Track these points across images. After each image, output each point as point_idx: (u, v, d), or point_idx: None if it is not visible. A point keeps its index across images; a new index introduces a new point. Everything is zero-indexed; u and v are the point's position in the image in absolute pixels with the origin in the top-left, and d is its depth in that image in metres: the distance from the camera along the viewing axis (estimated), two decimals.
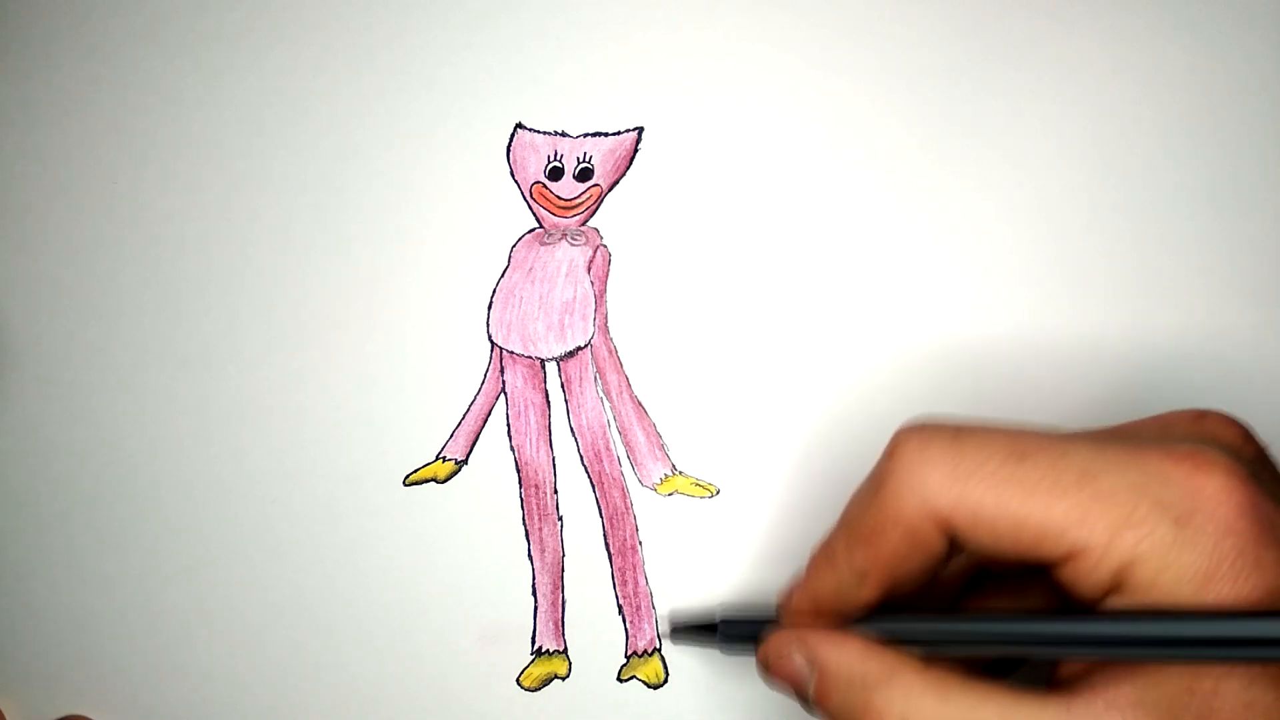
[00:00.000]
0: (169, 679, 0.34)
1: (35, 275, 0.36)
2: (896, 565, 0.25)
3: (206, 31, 0.37)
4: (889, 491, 0.24)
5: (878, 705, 0.24)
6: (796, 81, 0.35)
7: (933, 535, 0.24)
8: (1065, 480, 0.22)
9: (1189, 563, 0.22)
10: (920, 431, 0.24)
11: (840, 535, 0.26)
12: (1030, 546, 0.23)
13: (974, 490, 0.23)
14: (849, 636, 0.25)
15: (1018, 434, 0.24)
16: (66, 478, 0.35)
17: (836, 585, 0.26)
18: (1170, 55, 0.35)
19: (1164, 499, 0.22)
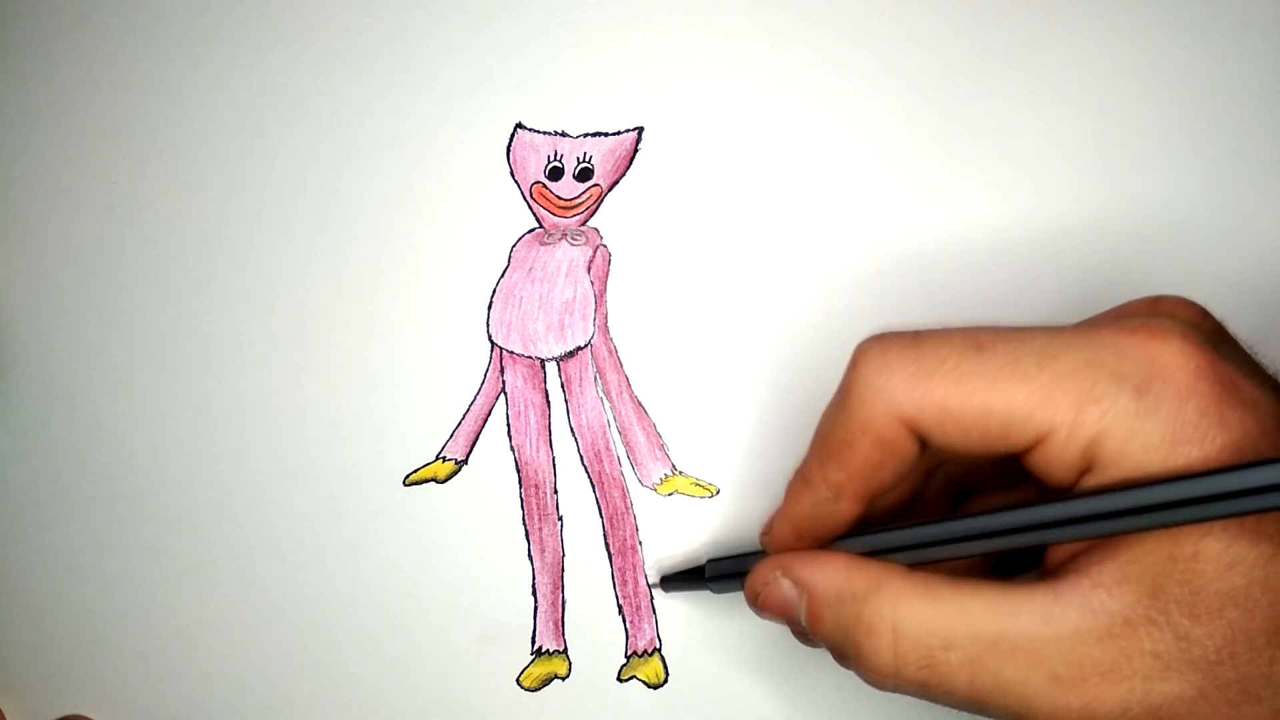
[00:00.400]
0: (169, 679, 0.34)
1: (35, 275, 0.36)
2: (870, 476, 0.24)
3: (206, 31, 0.37)
4: (854, 401, 0.24)
5: (868, 616, 0.24)
6: (796, 81, 0.35)
7: (902, 439, 0.24)
8: (1024, 365, 0.22)
9: (1153, 429, 0.22)
10: (879, 340, 0.24)
11: (812, 455, 0.26)
12: (998, 437, 0.23)
13: (937, 387, 0.23)
14: (832, 555, 0.25)
15: (975, 329, 0.24)
16: (66, 478, 0.35)
17: (814, 506, 0.26)
18: (1170, 55, 0.35)
19: (1121, 370, 0.22)
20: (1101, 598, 0.22)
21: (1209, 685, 0.22)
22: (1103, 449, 0.22)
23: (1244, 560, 0.22)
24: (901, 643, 0.23)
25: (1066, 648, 0.22)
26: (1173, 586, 0.22)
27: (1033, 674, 0.22)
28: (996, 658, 0.22)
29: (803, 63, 0.36)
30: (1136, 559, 0.22)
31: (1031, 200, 0.34)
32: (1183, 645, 0.22)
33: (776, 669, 0.32)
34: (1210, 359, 0.22)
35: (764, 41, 0.36)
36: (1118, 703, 0.22)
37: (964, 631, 0.23)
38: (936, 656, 0.23)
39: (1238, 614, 0.22)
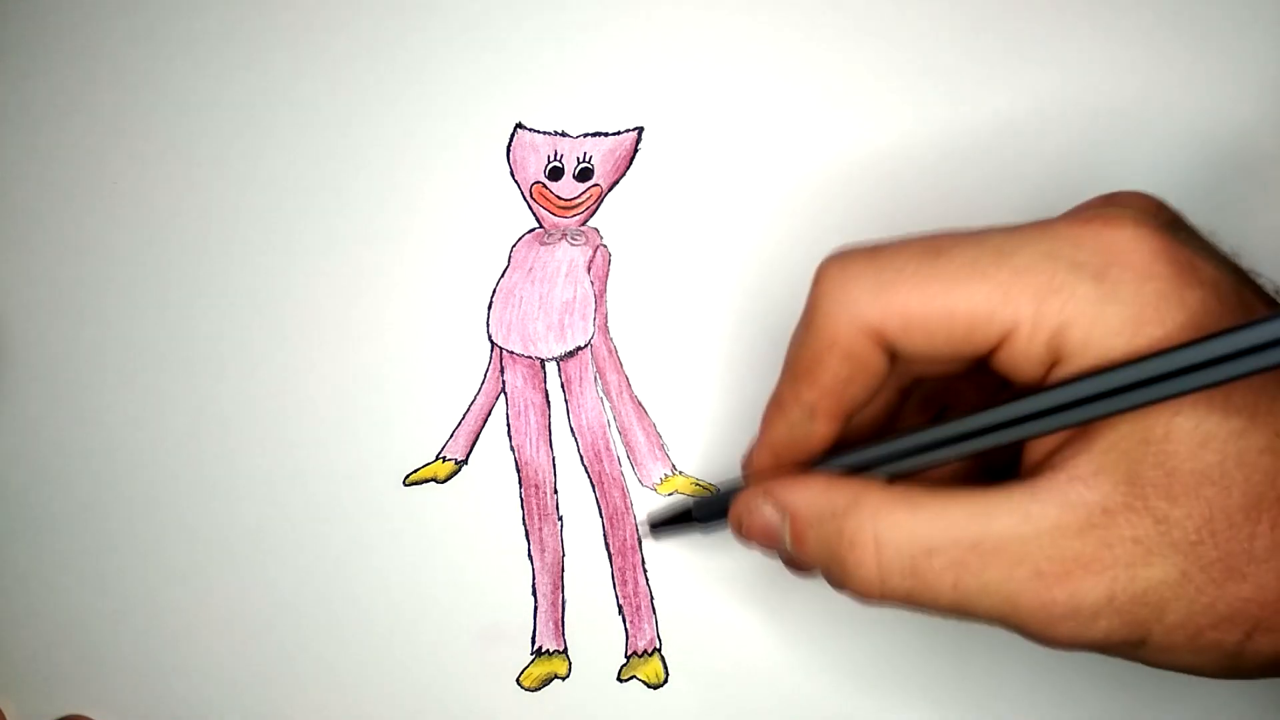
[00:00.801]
0: (169, 679, 0.34)
1: (35, 275, 0.36)
2: (841, 392, 0.25)
3: (206, 31, 0.37)
4: (819, 317, 0.24)
5: (850, 530, 0.24)
6: (797, 81, 0.35)
7: (868, 350, 0.24)
8: (982, 264, 0.23)
9: (1115, 314, 0.22)
10: (839, 256, 0.24)
11: (784, 378, 0.26)
12: (963, 339, 0.23)
13: (897, 295, 0.23)
14: (811, 475, 0.26)
15: (932, 236, 0.24)
16: (66, 478, 0.35)
17: (789, 429, 0.26)
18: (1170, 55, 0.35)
19: (1078, 260, 0.22)
20: (1079, 490, 0.22)
21: (1192, 566, 0.22)
22: (1067, 339, 0.22)
23: (1216, 436, 0.22)
24: (884, 552, 0.23)
25: (1048, 543, 0.22)
26: (1147, 471, 0.22)
27: (1016, 572, 0.22)
28: (979, 559, 0.22)
29: (803, 63, 0.36)
30: (1110, 448, 0.22)
31: (1035, 206, 0.34)
32: (1162, 529, 0.22)
33: (776, 669, 0.32)
34: (1166, 242, 0.22)
35: (764, 41, 0.36)
36: (1103, 592, 0.22)
37: (945, 536, 0.23)
38: (920, 563, 0.23)
39: (1214, 491, 0.22)
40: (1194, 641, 0.22)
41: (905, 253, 0.23)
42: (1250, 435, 0.22)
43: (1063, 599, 0.22)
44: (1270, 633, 0.22)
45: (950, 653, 0.32)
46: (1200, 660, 0.23)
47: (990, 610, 0.23)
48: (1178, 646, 0.22)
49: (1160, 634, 0.22)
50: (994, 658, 0.32)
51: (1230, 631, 0.22)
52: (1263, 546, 0.22)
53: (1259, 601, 0.22)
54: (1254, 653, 0.22)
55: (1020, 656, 0.32)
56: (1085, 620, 0.22)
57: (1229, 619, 0.22)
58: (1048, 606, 0.22)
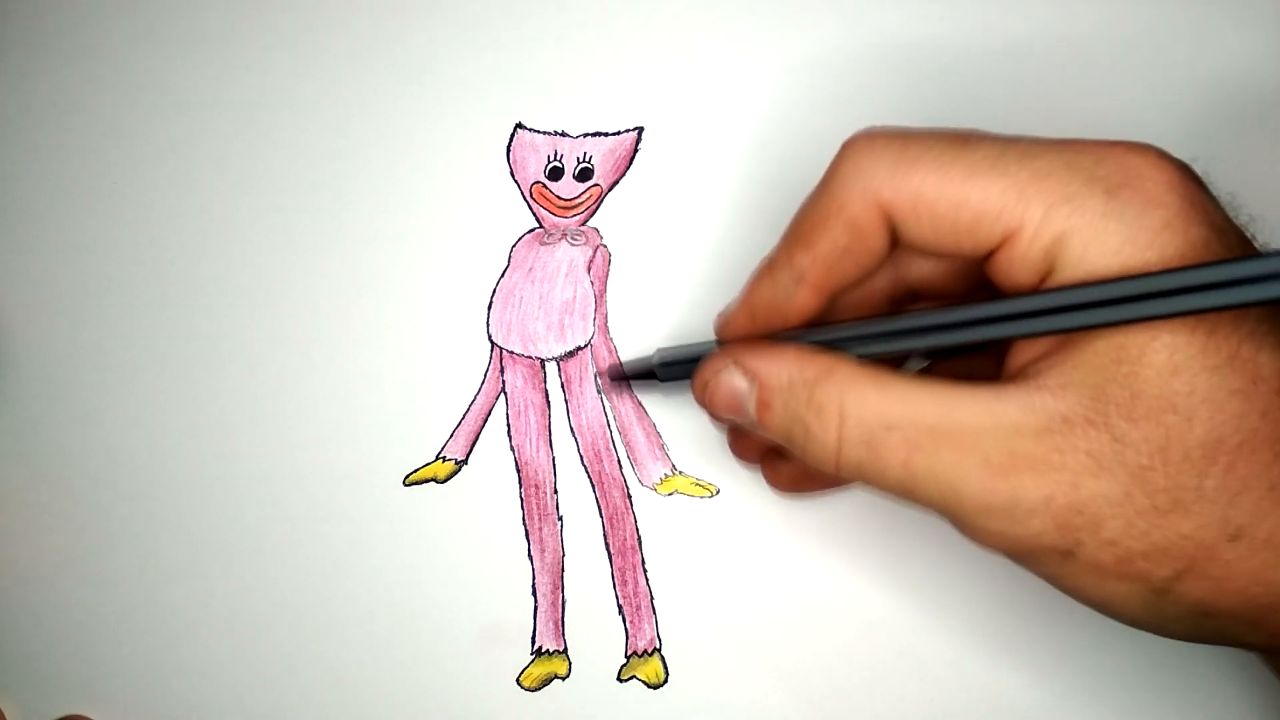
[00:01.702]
0: (169, 679, 0.34)
1: (35, 275, 0.36)
2: (835, 264, 0.25)
3: (206, 31, 0.37)
4: (834, 182, 0.24)
5: (818, 398, 0.24)
6: (796, 81, 0.35)
7: (874, 226, 0.24)
8: (1005, 162, 0.23)
9: (1116, 231, 0.22)
10: (867, 132, 0.24)
11: (781, 241, 0.26)
12: (967, 232, 0.23)
13: (915, 174, 0.23)
14: (784, 345, 0.26)
15: (962, 130, 0.24)
16: (66, 478, 0.35)
17: (774, 290, 0.26)
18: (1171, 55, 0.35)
19: (1096, 174, 0.22)
20: (1044, 397, 0.22)
21: (1137, 489, 0.22)
22: (1065, 249, 0.22)
23: (1188, 368, 0.22)
24: (846, 422, 0.24)
25: (1002, 437, 0.22)
26: (1115, 389, 0.22)
27: (966, 459, 0.23)
28: (934, 441, 0.23)
29: (803, 62, 0.36)
30: (1083, 362, 0.22)
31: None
32: (1117, 447, 0.22)
33: (776, 669, 0.32)
34: (1183, 178, 0.22)
35: (764, 42, 0.36)
36: (1044, 493, 0.22)
37: (906, 415, 0.23)
38: (877, 436, 0.23)
39: (1176, 421, 0.22)
40: (1121, 566, 0.23)
41: (933, 138, 0.24)
42: (1224, 375, 0.22)
43: (1004, 490, 0.22)
44: (1200, 578, 0.22)
45: (950, 653, 0.32)
46: (1123, 591, 0.23)
47: (932, 493, 0.23)
48: (1104, 566, 0.23)
49: (1091, 548, 0.22)
50: (994, 660, 0.32)
51: (1161, 564, 0.22)
52: (1212, 487, 0.22)
53: (1196, 541, 0.22)
54: (1179, 594, 0.23)
55: (1026, 663, 0.32)
56: (1020, 516, 0.22)
57: (1163, 550, 0.22)
58: (987, 495, 0.23)
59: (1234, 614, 0.23)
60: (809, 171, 0.35)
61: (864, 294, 0.27)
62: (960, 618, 0.32)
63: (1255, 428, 0.22)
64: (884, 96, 0.35)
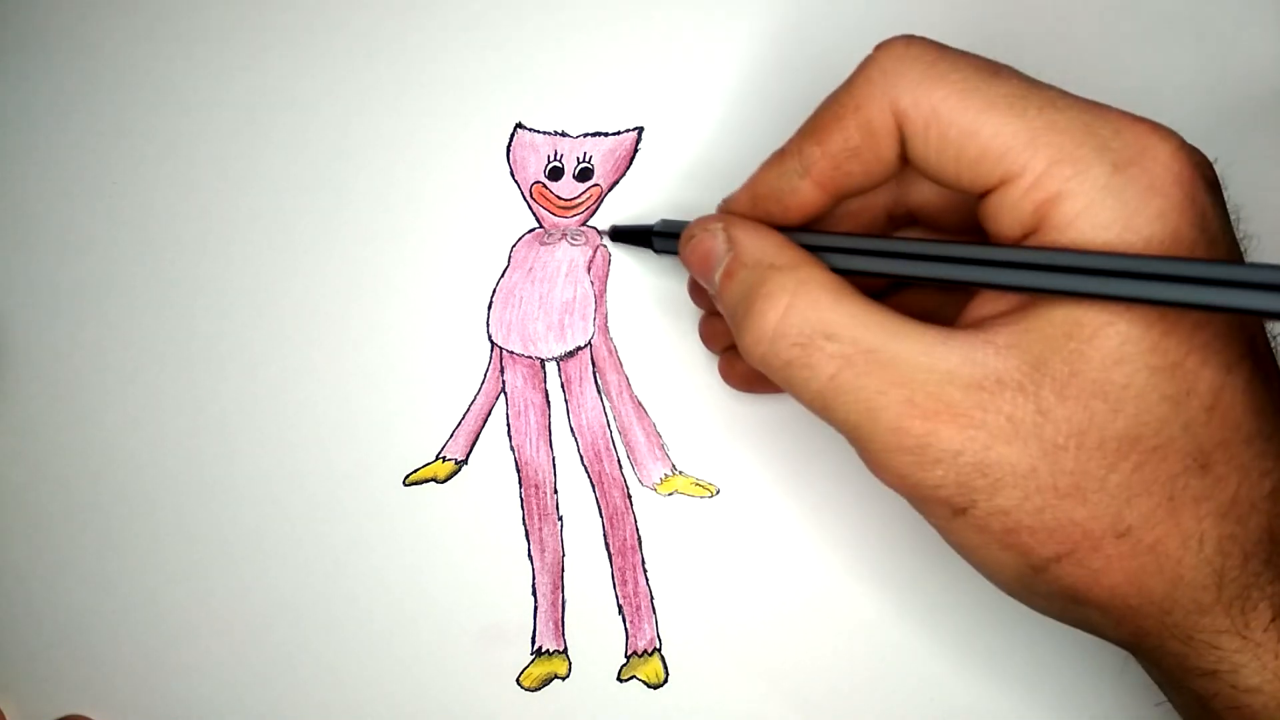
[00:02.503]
0: (169, 679, 0.34)
1: (35, 275, 0.36)
2: (842, 162, 0.25)
3: (206, 31, 0.37)
4: (859, 79, 0.24)
5: (773, 284, 0.24)
6: (796, 81, 0.35)
7: (886, 131, 0.24)
8: (1026, 104, 0.22)
9: (1110, 207, 0.22)
10: (906, 37, 0.24)
11: (797, 134, 0.26)
12: (970, 164, 0.23)
13: (939, 91, 0.23)
14: (772, 230, 0.26)
15: (1001, 64, 0.24)
16: (66, 478, 0.35)
17: (778, 178, 0.26)
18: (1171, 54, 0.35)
19: (1110, 144, 0.22)
20: (987, 353, 0.22)
21: (1044, 466, 0.22)
22: (1056, 210, 0.22)
23: (1132, 362, 0.22)
24: (790, 316, 0.24)
25: (933, 381, 0.22)
26: (1056, 362, 0.22)
27: (892, 390, 0.23)
28: (866, 364, 0.23)
29: (803, 62, 0.36)
30: (1035, 329, 0.22)
31: None
32: (1038, 420, 0.22)
33: (776, 669, 0.32)
34: (1194, 174, 0.22)
35: (764, 41, 0.36)
36: (955, 445, 0.22)
37: (850, 331, 0.23)
38: (814, 341, 0.23)
39: (1103, 409, 0.22)
40: (1008, 536, 0.23)
41: (964, 60, 0.23)
42: (1163, 378, 0.22)
43: (918, 432, 0.22)
44: (1078, 565, 0.22)
45: (950, 653, 0.32)
46: (1002, 559, 0.23)
47: (849, 414, 0.23)
48: (990, 532, 0.23)
49: (982, 511, 0.23)
50: (994, 660, 0.32)
51: (1045, 544, 0.22)
52: (1116, 482, 0.22)
53: (1085, 529, 0.22)
54: (1054, 577, 0.23)
55: (1026, 662, 0.32)
56: (925, 462, 0.23)
57: (1050, 531, 0.22)
58: (899, 433, 0.23)
59: (1101, 607, 0.23)
60: None
61: (863, 204, 0.28)
62: (960, 618, 0.32)
63: (1174, 437, 0.22)
64: None
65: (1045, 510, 0.22)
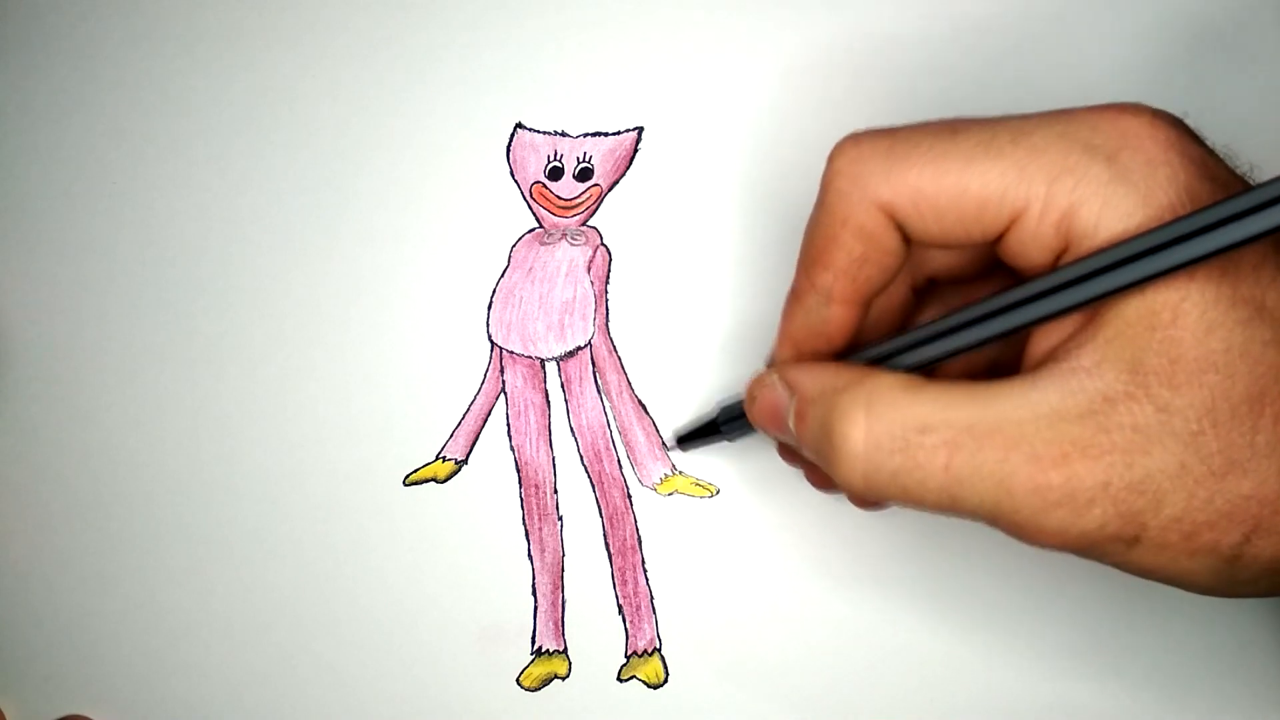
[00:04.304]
0: (169, 679, 0.34)
1: (35, 275, 0.36)
2: (856, 273, 0.24)
3: (206, 31, 0.37)
4: (831, 196, 0.24)
5: (845, 403, 0.23)
6: (796, 81, 0.35)
7: (882, 228, 0.24)
8: (998, 144, 0.22)
9: (1124, 195, 0.21)
10: (853, 136, 0.24)
11: (799, 267, 0.26)
12: (974, 219, 0.23)
13: (911, 170, 0.23)
14: (825, 362, 0.26)
15: (949, 120, 0.24)
16: (66, 478, 0.35)
17: (806, 317, 0.26)
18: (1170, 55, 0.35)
19: (1093, 142, 0.22)
20: (1080, 378, 0.22)
21: (1191, 457, 0.21)
22: (1077, 221, 0.22)
23: (1222, 324, 0.21)
24: (875, 427, 0.23)
25: (1045, 426, 0.22)
26: (1151, 358, 0.21)
27: (1011, 454, 0.22)
28: (974, 440, 0.22)
29: (802, 62, 0.36)
30: (1114, 335, 0.22)
31: None
32: (1163, 417, 0.21)
33: (777, 668, 0.32)
34: (1179, 135, 0.22)
35: (764, 42, 0.36)
36: (1099, 478, 0.21)
37: (941, 416, 0.22)
38: (912, 440, 0.22)
39: (1217, 380, 0.21)
40: (1189, 541, 0.22)
41: (920, 132, 0.23)
42: (1255, 326, 0.21)
43: (1058, 483, 0.21)
44: (1269, 534, 0.22)
45: (950, 653, 0.32)
46: (1194, 565, 0.22)
47: (981, 495, 0.22)
48: (1172, 545, 0.22)
49: (1155, 529, 0.22)
50: (995, 659, 0.32)
51: (1228, 531, 0.22)
52: (1265, 441, 0.21)
53: (1259, 499, 0.22)
54: (1251, 558, 0.22)
55: (1027, 662, 0.32)
56: (1079, 507, 0.22)
57: (1228, 516, 0.22)
58: (1041, 491, 0.22)
59: None
60: (809, 171, 0.35)
61: (889, 295, 0.27)
62: (961, 618, 0.32)
63: None
64: (885, 96, 0.35)
65: (1214, 498, 0.22)
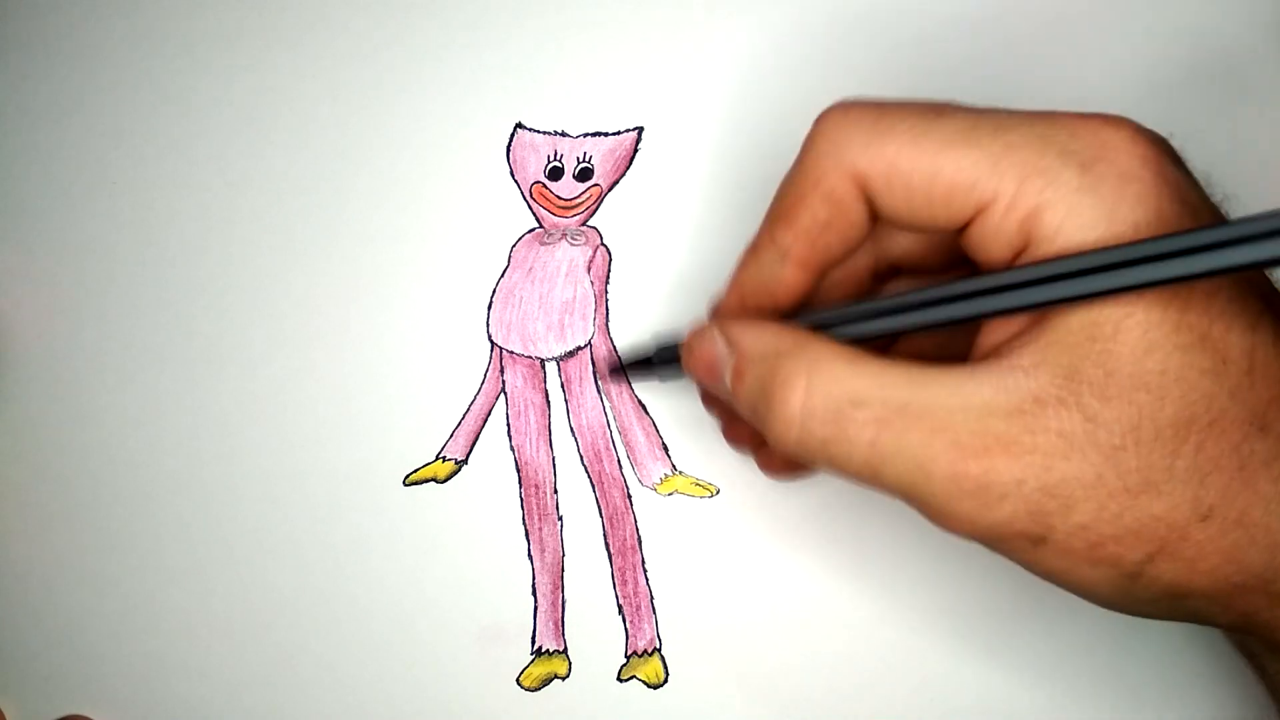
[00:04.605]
0: (169, 679, 0.34)
1: (35, 275, 0.36)
2: (817, 238, 0.25)
3: (206, 31, 0.37)
4: (809, 157, 0.24)
5: (786, 369, 0.24)
6: (796, 81, 0.35)
7: (851, 197, 0.24)
8: (979, 133, 0.23)
9: (1090, 205, 0.22)
10: (841, 104, 0.24)
11: (764, 222, 0.26)
12: (942, 203, 0.23)
13: (890, 144, 0.23)
14: (768, 321, 0.26)
15: (936, 102, 0.24)
16: (66, 478, 0.35)
17: (760, 271, 0.26)
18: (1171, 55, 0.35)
19: (1070, 148, 0.22)
20: (1016, 376, 0.22)
21: (1109, 470, 0.22)
22: (1040, 224, 0.22)
23: (1161, 346, 0.21)
24: (813, 395, 0.23)
25: (973, 418, 0.22)
26: (1088, 368, 0.22)
27: (935, 439, 0.22)
28: (903, 420, 0.22)
29: (802, 62, 0.36)
30: (1055, 341, 0.22)
31: None
32: (1089, 427, 0.22)
33: (776, 669, 0.32)
34: (1158, 154, 0.22)
35: (764, 41, 0.36)
36: (1015, 475, 0.22)
37: (876, 392, 0.23)
38: (844, 412, 0.23)
39: (1148, 400, 0.21)
40: (1093, 551, 0.22)
41: (907, 109, 0.23)
42: (1195, 354, 0.22)
43: (974, 473, 0.22)
44: (1172, 559, 0.22)
45: (950, 653, 0.32)
46: (1095, 575, 0.23)
47: (900, 474, 0.23)
48: (1076, 551, 0.22)
49: (1062, 534, 0.22)
50: (995, 660, 0.32)
51: (1133, 548, 0.22)
52: (1184, 467, 0.22)
53: (1167, 522, 0.22)
54: (1151, 578, 0.22)
55: (1027, 663, 0.32)
56: (991, 500, 0.22)
57: (1135, 533, 0.22)
58: (958, 479, 0.22)
59: (1206, 594, 0.23)
60: None
61: (847, 271, 0.27)
62: (961, 617, 0.32)
63: (1225, 407, 0.22)
64: (886, 95, 0.35)
65: (1124, 514, 0.22)
